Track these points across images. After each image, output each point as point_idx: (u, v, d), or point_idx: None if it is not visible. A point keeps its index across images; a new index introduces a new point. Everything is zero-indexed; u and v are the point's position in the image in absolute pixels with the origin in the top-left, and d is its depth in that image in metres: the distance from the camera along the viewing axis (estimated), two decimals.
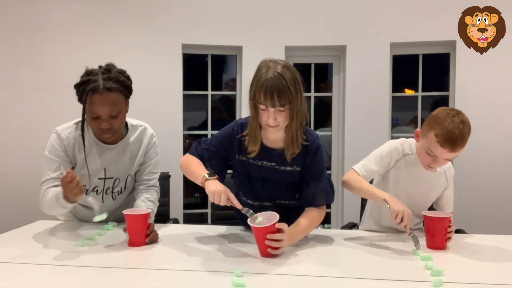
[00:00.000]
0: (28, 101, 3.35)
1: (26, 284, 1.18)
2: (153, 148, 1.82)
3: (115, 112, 1.57)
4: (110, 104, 1.55)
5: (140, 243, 1.51)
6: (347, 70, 3.58)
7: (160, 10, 3.48)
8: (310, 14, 3.56)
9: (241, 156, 1.64)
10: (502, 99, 3.37)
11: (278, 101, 1.41)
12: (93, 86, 1.52)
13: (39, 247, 1.52)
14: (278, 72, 1.43)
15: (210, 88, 3.78)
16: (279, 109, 1.44)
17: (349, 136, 3.58)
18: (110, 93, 1.54)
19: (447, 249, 1.51)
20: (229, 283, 1.15)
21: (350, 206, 3.41)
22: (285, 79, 1.42)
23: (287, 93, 1.42)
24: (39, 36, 3.35)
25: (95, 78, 1.54)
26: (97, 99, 1.53)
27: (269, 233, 1.37)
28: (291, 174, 1.61)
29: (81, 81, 1.56)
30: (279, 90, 1.41)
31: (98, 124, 1.58)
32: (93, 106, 1.54)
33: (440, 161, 1.59)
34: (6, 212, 3.24)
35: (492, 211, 3.36)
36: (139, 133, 1.79)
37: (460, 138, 1.51)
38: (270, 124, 1.47)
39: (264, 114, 1.47)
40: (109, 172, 1.75)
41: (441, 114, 1.57)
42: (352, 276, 1.24)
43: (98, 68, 1.60)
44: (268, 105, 1.43)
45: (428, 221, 1.51)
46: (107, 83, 1.54)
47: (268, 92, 1.41)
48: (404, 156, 1.71)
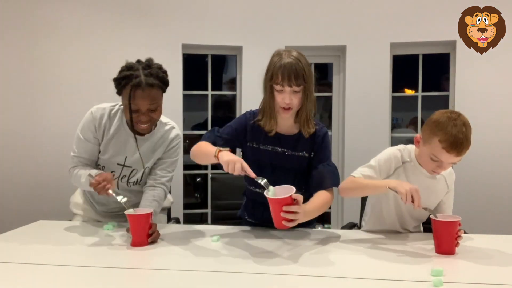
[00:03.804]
0: (27, 101, 3.35)
1: (26, 284, 1.18)
2: (174, 148, 1.86)
3: (154, 106, 1.64)
4: (150, 99, 1.62)
5: (142, 243, 1.52)
6: (347, 70, 3.58)
7: (160, 10, 3.48)
8: (310, 14, 3.56)
9: (253, 143, 1.72)
10: (502, 99, 3.37)
11: (295, 81, 1.55)
12: (136, 81, 1.58)
13: (39, 247, 1.52)
14: (294, 56, 1.59)
15: (210, 88, 3.78)
16: (294, 90, 1.57)
17: (349, 136, 3.58)
18: (152, 89, 1.61)
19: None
20: (229, 283, 1.15)
21: (350, 206, 3.41)
22: (300, 62, 1.58)
23: (303, 74, 1.56)
24: (39, 36, 3.35)
25: (137, 73, 1.60)
26: (139, 94, 1.59)
27: (285, 205, 1.38)
28: (300, 161, 1.71)
29: (122, 75, 1.62)
30: (297, 70, 1.55)
31: (137, 116, 1.65)
32: (135, 100, 1.60)
33: (445, 165, 1.57)
34: (6, 212, 3.24)
35: (492, 211, 3.36)
36: (166, 131, 1.84)
37: (465, 142, 1.48)
38: (286, 104, 1.59)
39: (280, 96, 1.59)
40: (129, 161, 1.80)
41: (441, 118, 1.52)
42: (352, 276, 1.24)
43: (138, 63, 1.67)
44: (285, 84, 1.56)
45: (436, 226, 1.46)
46: (149, 78, 1.60)
47: (286, 72, 1.55)
48: (403, 163, 1.68)
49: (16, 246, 1.52)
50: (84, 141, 1.76)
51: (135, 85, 1.59)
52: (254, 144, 1.72)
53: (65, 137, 3.33)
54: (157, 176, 1.82)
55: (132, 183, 1.85)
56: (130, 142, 1.78)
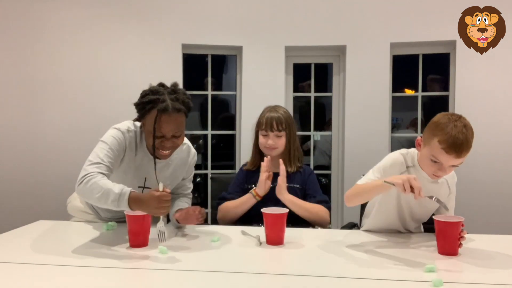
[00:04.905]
0: (27, 100, 3.35)
1: (26, 284, 1.18)
2: (191, 167, 1.89)
3: (179, 132, 1.60)
4: (176, 125, 1.57)
5: (140, 244, 1.51)
6: (347, 70, 3.58)
7: (160, 10, 3.48)
8: (310, 14, 3.56)
9: (249, 185, 1.99)
10: (502, 99, 3.37)
11: (276, 128, 1.96)
12: (163, 106, 1.52)
13: (39, 247, 1.52)
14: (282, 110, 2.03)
15: (210, 88, 3.78)
16: (277, 134, 1.97)
17: (349, 136, 3.57)
18: (178, 114, 1.56)
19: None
20: (229, 283, 1.15)
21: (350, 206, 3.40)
22: (285, 112, 2.04)
23: (284, 122, 1.97)
24: (39, 38, 3.35)
25: (163, 97, 1.54)
26: (166, 119, 1.54)
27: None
28: (296, 192, 1.94)
29: (147, 99, 1.55)
30: (279, 119, 1.97)
31: (161, 142, 1.58)
32: (161, 125, 1.54)
33: (446, 168, 1.53)
34: (6, 212, 3.24)
35: (493, 212, 3.36)
36: (184, 152, 1.83)
37: (465, 143, 1.46)
38: (269, 145, 1.97)
39: (265, 138, 1.98)
40: (149, 183, 1.75)
41: (442, 119, 1.51)
42: (352, 276, 1.24)
43: (163, 87, 1.60)
44: (268, 130, 1.96)
45: (439, 226, 1.44)
46: (176, 104, 1.55)
47: (269, 121, 1.97)
48: (408, 168, 1.66)
49: (16, 246, 1.52)
50: (110, 150, 1.59)
51: (161, 110, 1.52)
52: (251, 185, 1.98)
53: (65, 137, 3.35)
54: (180, 193, 1.90)
55: None
56: (150, 165, 1.69)
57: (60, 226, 1.84)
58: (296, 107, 3.85)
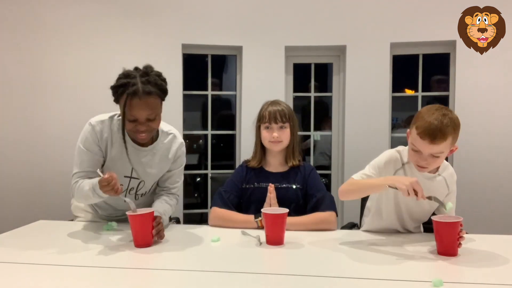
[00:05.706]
0: (27, 101, 3.35)
1: (26, 284, 1.18)
2: (180, 158, 1.84)
3: (153, 115, 1.58)
4: (148, 108, 1.55)
5: (144, 243, 1.51)
6: (347, 70, 3.58)
7: (160, 10, 3.48)
8: (310, 14, 3.56)
9: (248, 184, 1.95)
10: (502, 99, 3.36)
11: (280, 119, 1.90)
12: (133, 89, 1.51)
13: (39, 247, 1.52)
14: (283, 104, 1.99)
15: (210, 88, 3.78)
16: (282, 126, 1.91)
17: (349, 136, 3.57)
18: (149, 97, 1.54)
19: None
20: (229, 283, 1.15)
21: (350, 206, 3.40)
22: (287, 105, 1.99)
23: (287, 113, 1.93)
24: (39, 36, 3.35)
25: (133, 81, 1.53)
26: (137, 102, 1.53)
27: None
28: (296, 192, 1.91)
29: (119, 83, 1.55)
30: (284, 111, 1.93)
31: (135, 126, 1.59)
32: (132, 109, 1.54)
33: (426, 157, 1.52)
34: (6, 212, 3.24)
35: (492, 211, 3.36)
36: (169, 141, 1.79)
37: (439, 129, 1.45)
38: (274, 137, 1.90)
39: (268, 132, 1.92)
40: (136, 173, 1.75)
41: (424, 109, 1.55)
42: (352, 276, 1.24)
43: (136, 71, 1.59)
44: (272, 122, 1.90)
45: (438, 227, 1.44)
46: (146, 86, 1.53)
47: (272, 114, 1.92)
48: (403, 165, 1.67)
49: (16, 246, 1.52)
50: (87, 152, 1.66)
51: (131, 94, 1.51)
52: (248, 185, 1.94)
53: (66, 138, 3.35)
54: (166, 188, 1.85)
55: (140, 195, 1.83)
56: (135, 153, 1.72)
57: (60, 226, 1.84)
58: (297, 107, 3.84)
